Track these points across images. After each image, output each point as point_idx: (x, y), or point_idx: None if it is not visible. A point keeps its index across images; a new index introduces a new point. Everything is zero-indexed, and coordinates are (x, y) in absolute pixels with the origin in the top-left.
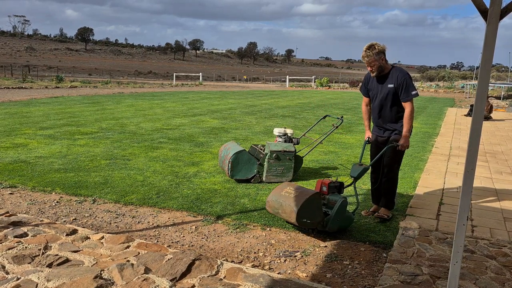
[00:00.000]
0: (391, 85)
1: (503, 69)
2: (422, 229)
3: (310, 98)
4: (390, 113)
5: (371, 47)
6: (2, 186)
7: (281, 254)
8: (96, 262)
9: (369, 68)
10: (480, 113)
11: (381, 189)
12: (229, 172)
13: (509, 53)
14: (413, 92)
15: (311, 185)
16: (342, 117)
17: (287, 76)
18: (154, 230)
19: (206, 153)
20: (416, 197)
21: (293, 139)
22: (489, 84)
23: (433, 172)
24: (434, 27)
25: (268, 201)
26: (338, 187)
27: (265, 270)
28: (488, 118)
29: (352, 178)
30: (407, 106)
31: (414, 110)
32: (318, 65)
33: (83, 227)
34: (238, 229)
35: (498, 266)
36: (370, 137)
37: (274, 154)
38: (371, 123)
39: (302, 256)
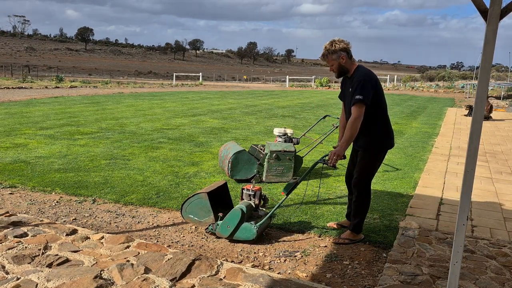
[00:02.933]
0: (350, 89)
1: (503, 69)
2: (422, 229)
3: (310, 98)
4: None
5: (328, 44)
6: (2, 186)
7: (281, 254)
8: (96, 262)
9: (329, 69)
10: (480, 113)
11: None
12: (229, 172)
13: (509, 53)
14: (357, 97)
15: (310, 185)
16: None
17: (287, 76)
18: (154, 230)
19: (206, 153)
20: (416, 197)
21: (293, 139)
22: (489, 84)
23: (433, 172)
24: (434, 27)
25: None
26: (249, 195)
27: (265, 270)
28: (488, 118)
29: (284, 194)
30: (353, 110)
31: (360, 119)
32: (318, 65)
33: (83, 227)
34: None
35: (498, 266)
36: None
37: (274, 154)
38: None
39: (302, 256)
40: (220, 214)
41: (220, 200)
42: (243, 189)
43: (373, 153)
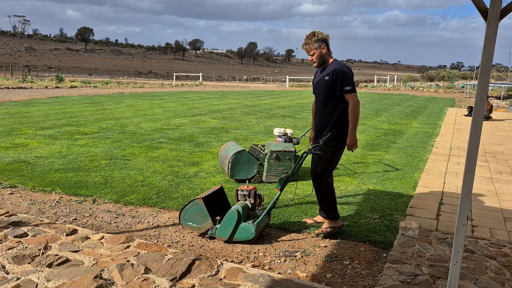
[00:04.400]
0: (327, 78)
1: (503, 69)
2: (422, 229)
3: (310, 98)
4: (324, 111)
5: (311, 34)
6: (2, 186)
7: (281, 254)
8: (96, 262)
9: (309, 58)
10: (480, 113)
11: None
12: (229, 172)
13: (509, 53)
14: (346, 88)
15: (311, 185)
16: None
17: (287, 76)
18: (154, 230)
19: (206, 153)
20: (416, 197)
21: (293, 139)
22: (489, 84)
23: (433, 172)
24: (434, 27)
25: None
26: (244, 195)
27: (265, 270)
28: (488, 118)
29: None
30: (349, 99)
31: (359, 103)
32: None
33: (83, 227)
34: None
35: (498, 266)
36: (311, 136)
37: (274, 154)
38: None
39: (302, 256)
40: (218, 218)
41: (217, 204)
42: (237, 190)
43: (338, 145)
